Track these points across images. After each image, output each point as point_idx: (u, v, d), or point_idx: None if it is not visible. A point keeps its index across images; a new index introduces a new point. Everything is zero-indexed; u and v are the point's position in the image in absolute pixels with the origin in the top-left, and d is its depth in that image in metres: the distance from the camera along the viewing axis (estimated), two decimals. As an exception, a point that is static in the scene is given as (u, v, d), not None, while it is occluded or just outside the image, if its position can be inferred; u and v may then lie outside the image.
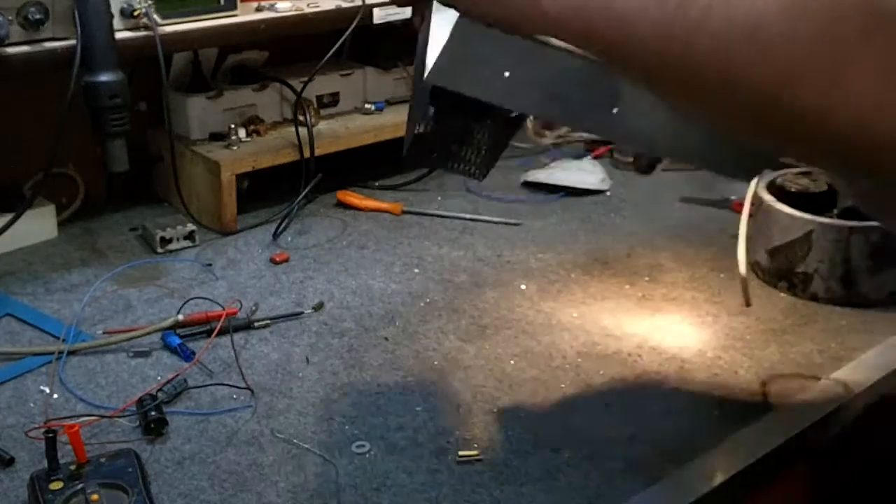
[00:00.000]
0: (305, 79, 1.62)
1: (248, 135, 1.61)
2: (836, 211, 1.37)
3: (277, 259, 1.46)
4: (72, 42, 1.29)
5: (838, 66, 0.52)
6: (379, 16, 1.60)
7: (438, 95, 0.71)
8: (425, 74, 0.68)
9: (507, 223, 1.61)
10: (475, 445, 1.05)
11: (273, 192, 1.62)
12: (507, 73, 0.70)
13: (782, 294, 1.37)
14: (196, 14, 1.45)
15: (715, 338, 1.27)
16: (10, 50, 1.27)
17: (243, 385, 1.15)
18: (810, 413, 1.12)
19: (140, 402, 1.09)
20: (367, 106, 1.75)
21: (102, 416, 1.08)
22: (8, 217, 1.38)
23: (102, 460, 0.97)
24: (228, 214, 1.54)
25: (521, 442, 1.06)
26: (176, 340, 1.22)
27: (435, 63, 0.67)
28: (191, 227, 1.50)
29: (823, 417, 1.11)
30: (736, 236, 1.31)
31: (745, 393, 1.15)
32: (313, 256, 1.49)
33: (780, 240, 1.36)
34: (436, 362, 1.21)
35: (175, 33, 1.42)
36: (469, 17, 0.63)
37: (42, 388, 1.14)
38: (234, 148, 1.57)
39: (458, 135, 0.78)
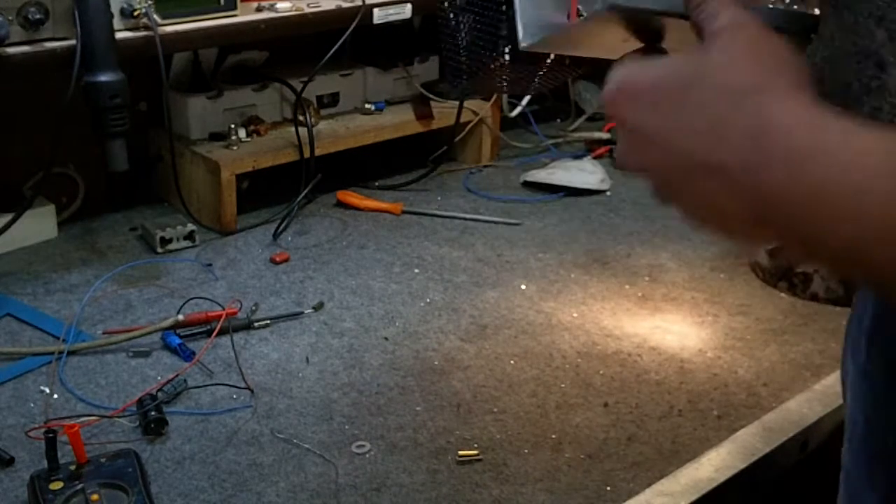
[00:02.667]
0: (305, 79, 1.62)
1: (248, 135, 1.61)
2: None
3: (277, 259, 1.46)
4: (72, 42, 1.29)
5: None
6: (379, 16, 1.60)
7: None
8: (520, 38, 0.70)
9: (507, 223, 1.61)
10: (475, 445, 1.05)
11: (273, 192, 1.62)
12: None
13: (782, 294, 1.37)
14: (196, 14, 1.45)
15: (715, 338, 1.27)
16: (10, 50, 1.27)
17: (243, 385, 1.15)
18: (810, 413, 1.12)
19: (140, 402, 1.09)
20: (367, 106, 1.75)
21: (102, 416, 1.08)
22: (8, 217, 1.38)
23: (102, 460, 0.97)
24: (228, 214, 1.54)
25: (521, 442, 1.06)
26: (176, 340, 1.22)
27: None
28: (191, 227, 1.50)
29: (822, 417, 1.11)
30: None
31: (745, 393, 1.15)
32: (313, 256, 1.49)
33: (780, 240, 1.36)
34: (436, 362, 1.21)
35: (175, 33, 1.42)
36: None
37: (42, 388, 1.14)
38: (234, 148, 1.57)
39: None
